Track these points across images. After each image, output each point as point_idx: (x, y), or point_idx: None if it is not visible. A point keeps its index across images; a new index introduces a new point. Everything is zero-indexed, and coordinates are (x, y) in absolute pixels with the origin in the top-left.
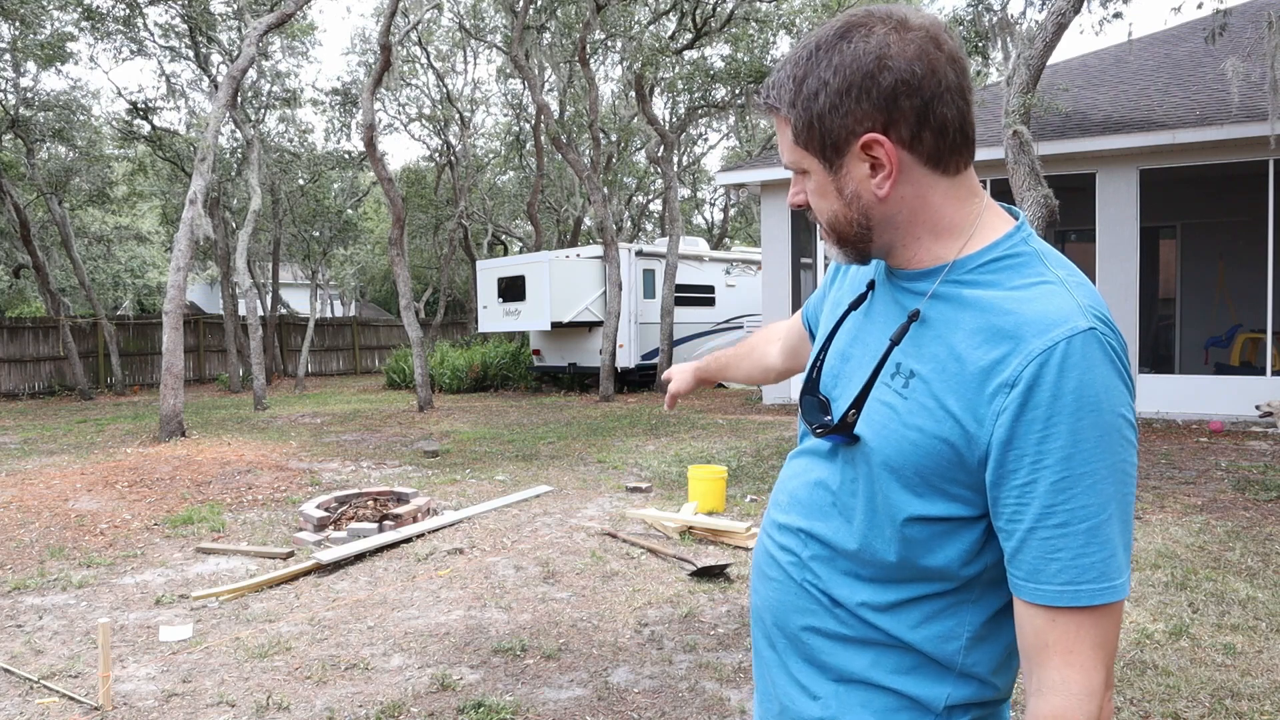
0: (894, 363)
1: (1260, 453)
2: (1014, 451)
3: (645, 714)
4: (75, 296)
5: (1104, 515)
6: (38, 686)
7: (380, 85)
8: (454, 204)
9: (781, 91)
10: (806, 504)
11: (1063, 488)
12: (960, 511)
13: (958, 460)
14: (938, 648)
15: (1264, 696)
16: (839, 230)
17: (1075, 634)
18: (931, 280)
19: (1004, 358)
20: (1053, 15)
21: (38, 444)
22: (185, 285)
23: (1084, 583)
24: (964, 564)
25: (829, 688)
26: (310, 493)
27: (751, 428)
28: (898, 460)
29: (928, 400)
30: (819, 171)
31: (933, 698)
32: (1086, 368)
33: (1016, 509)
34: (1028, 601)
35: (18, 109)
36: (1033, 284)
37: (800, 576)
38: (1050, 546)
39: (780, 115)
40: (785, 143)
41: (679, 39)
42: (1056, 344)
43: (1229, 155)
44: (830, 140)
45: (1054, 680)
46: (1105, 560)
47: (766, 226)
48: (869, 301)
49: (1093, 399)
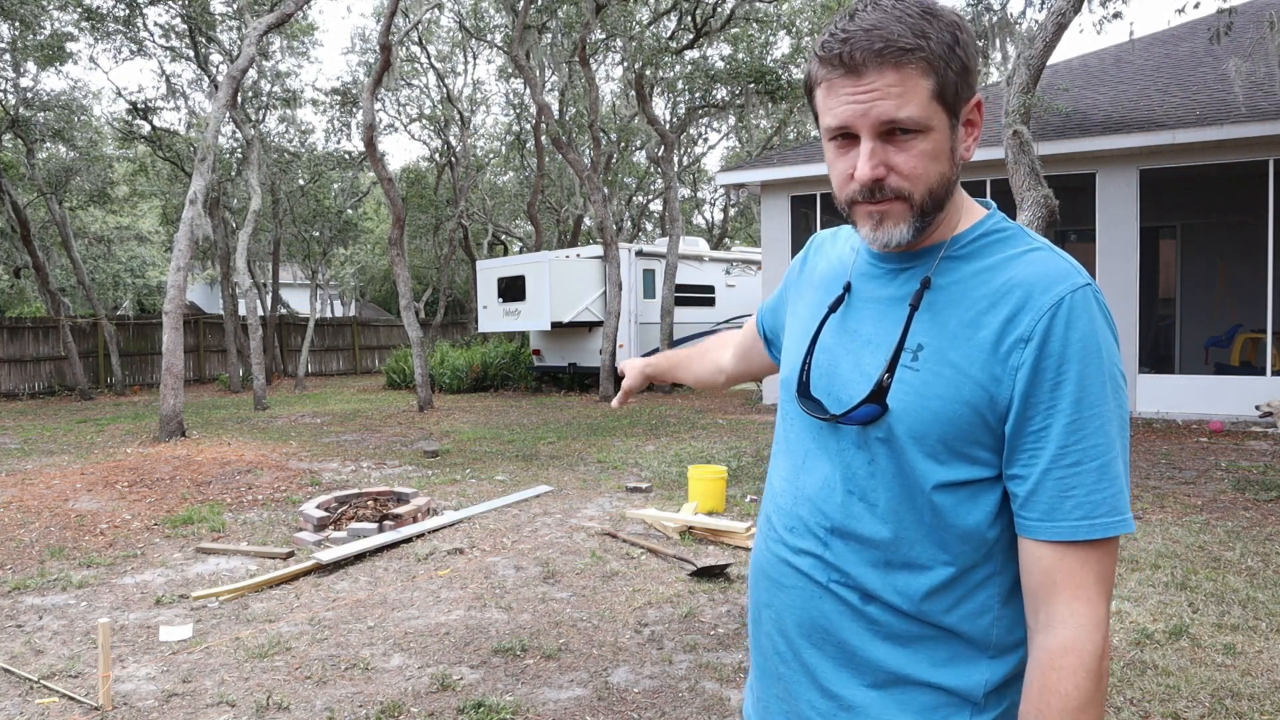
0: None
1: (1260, 453)
2: (1031, 400)
3: (645, 714)
4: (75, 296)
5: (1112, 454)
6: (38, 686)
7: (380, 85)
8: (454, 204)
9: (933, 42)
10: (818, 500)
11: (1074, 429)
12: (981, 474)
13: (980, 422)
14: (973, 625)
15: (1264, 696)
16: (938, 197)
17: (1081, 568)
18: (929, 257)
19: (1014, 316)
20: (1053, 15)
21: (38, 444)
22: (185, 285)
23: (1098, 517)
24: (990, 525)
25: (865, 695)
26: (310, 493)
27: (751, 428)
28: (920, 431)
29: (944, 368)
30: (943, 130)
31: (972, 687)
32: (1089, 318)
33: (1032, 453)
34: (1040, 540)
35: (18, 109)
36: (1025, 251)
37: (825, 578)
38: (1065, 485)
39: (921, 67)
40: (917, 97)
41: (679, 39)
42: (1062, 298)
43: (1229, 155)
44: (964, 96)
45: (1062, 614)
46: (1115, 495)
47: (766, 226)
48: (848, 302)
49: (1094, 346)
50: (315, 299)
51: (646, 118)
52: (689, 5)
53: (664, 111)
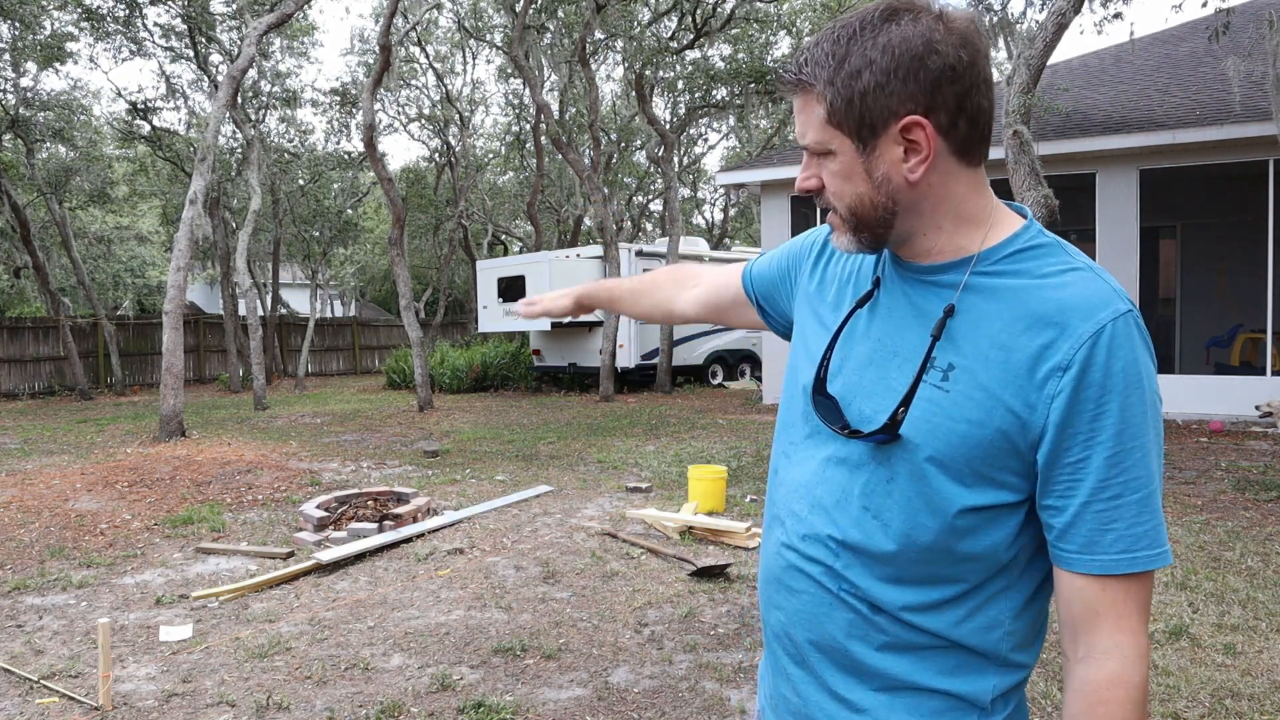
0: (930, 357)
1: (1260, 453)
2: (1069, 430)
3: (645, 714)
4: (75, 296)
5: (1152, 486)
6: (38, 686)
7: (380, 86)
8: (454, 204)
9: (818, 68)
10: (833, 511)
11: (1116, 461)
12: (1008, 498)
13: (1010, 448)
14: (983, 639)
15: (1264, 696)
16: (861, 215)
17: (1125, 600)
18: (959, 272)
19: (1052, 342)
20: (1053, 15)
21: (38, 444)
22: (185, 285)
23: (1139, 550)
24: (1007, 547)
25: (873, 698)
26: (310, 493)
27: (751, 428)
28: (947, 454)
29: (974, 391)
30: (849, 153)
31: (980, 692)
32: (1130, 348)
33: (1070, 485)
34: (1079, 573)
35: (18, 109)
36: (1063, 270)
37: (836, 587)
38: (1106, 519)
39: (814, 92)
40: (813, 121)
41: (679, 39)
42: (1104, 326)
43: (1229, 155)
44: (868, 120)
45: (1106, 645)
46: (1156, 528)
47: (766, 226)
48: (876, 299)
49: (1136, 377)
50: (315, 299)
51: (646, 118)
52: (689, 5)
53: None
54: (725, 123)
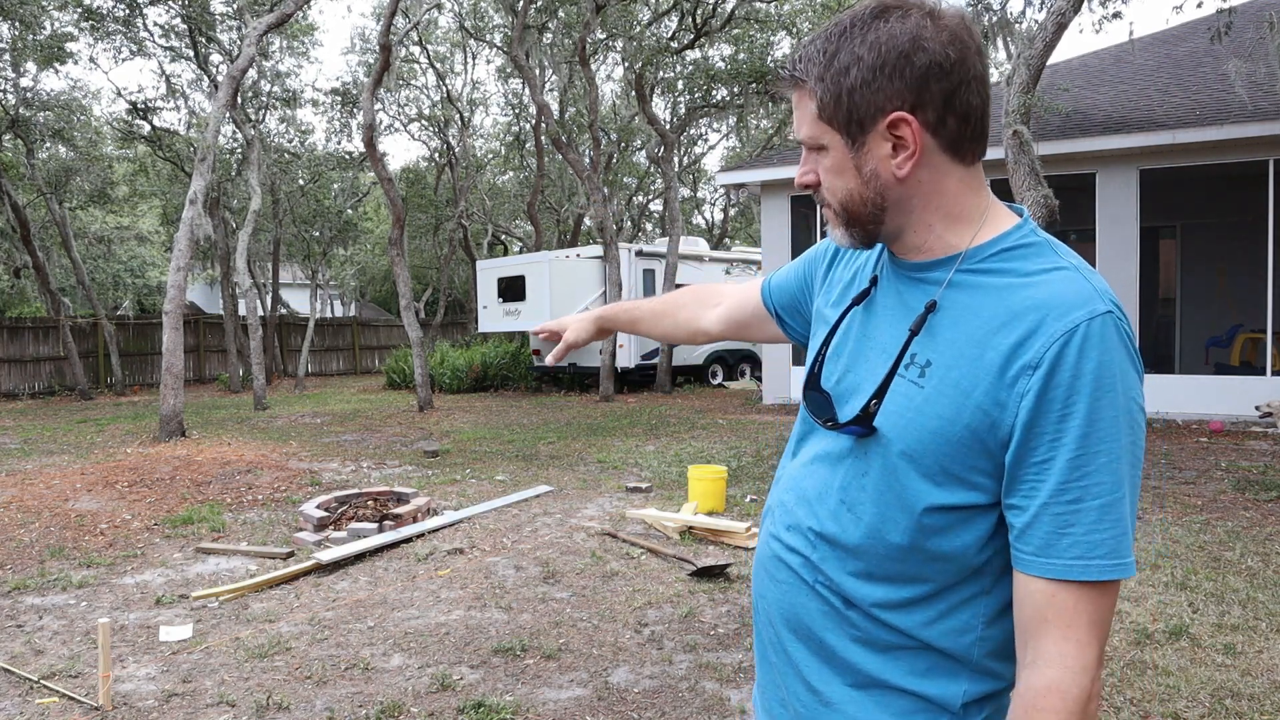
0: (909, 353)
1: (1260, 453)
2: (1035, 430)
3: (645, 714)
4: (75, 296)
5: (1118, 494)
6: (38, 686)
7: (380, 85)
8: (454, 204)
9: (810, 65)
10: (815, 503)
11: (1078, 464)
12: (978, 499)
13: (980, 447)
14: (954, 642)
15: (1264, 696)
16: (851, 210)
17: (1074, 609)
18: (945, 269)
19: (1024, 340)
20: (1053, 15)
21: (38, 444)
22: (185, 285)
23: (1094, 558)
24: (978, 550)
25: (845, 693)
26: (310, 493)
27: (751, 428)
28: (918, 450)
29: (948, 388)
30: (839, 148)
31: (950, 696)
32: (1105, 349)
33: (1033, 485)
34: (1032, 575)
35: (18, 109)
36: (1048, 269)
37: (812, 578)
38: (1063, 522)
39: (805, 89)
40: (806, 117)
41: (679, 39)
42: (1078, 326)
43: (1229, 155)
44: (857, 116)
45: (1050, 653)
46: (1117, 538)
47: (766, 226)
48: (872, 297)
49: (1109, 380)
50: (315, 299)
51: (646, 118)
52: (689, 5)
53: (664, 111)
54: (725, 123)
